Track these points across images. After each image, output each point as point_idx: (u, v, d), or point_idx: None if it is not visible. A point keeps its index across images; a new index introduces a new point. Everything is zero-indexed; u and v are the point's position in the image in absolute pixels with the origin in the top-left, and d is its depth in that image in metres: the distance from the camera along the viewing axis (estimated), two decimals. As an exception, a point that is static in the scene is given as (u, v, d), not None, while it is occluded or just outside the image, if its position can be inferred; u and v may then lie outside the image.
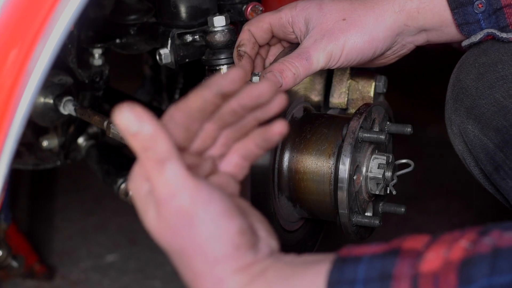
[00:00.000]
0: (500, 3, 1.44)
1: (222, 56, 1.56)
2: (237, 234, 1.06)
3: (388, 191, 1.55)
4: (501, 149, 1.45)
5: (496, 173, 1.46)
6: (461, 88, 1.50)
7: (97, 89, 1.81)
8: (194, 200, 1.05)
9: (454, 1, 1.45)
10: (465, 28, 1.47)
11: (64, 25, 1.18)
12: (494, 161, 1.46)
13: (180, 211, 1.05)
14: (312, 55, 1.45)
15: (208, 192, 1.06)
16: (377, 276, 1.00)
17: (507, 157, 1.44)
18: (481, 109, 1.47)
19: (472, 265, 0.97)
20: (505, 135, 1.44)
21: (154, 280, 2.37)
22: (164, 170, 1.04)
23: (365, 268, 1.02)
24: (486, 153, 1.47)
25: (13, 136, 1.18)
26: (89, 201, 2.69)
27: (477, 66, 1.48)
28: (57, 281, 2.39)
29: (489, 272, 0.96)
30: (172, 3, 1.61)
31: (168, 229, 1.07)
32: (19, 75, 1.17)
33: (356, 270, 1.02)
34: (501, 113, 1.45)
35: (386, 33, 1.47)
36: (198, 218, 1.05)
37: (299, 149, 1.53)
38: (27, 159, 1.87)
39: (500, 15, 1.45)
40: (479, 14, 1.45)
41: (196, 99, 1.08)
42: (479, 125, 1.47)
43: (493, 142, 1.46)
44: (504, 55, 1.46)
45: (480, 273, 0.96)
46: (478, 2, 1.44)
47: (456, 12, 1.46)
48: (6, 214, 2.07)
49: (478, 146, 1.48)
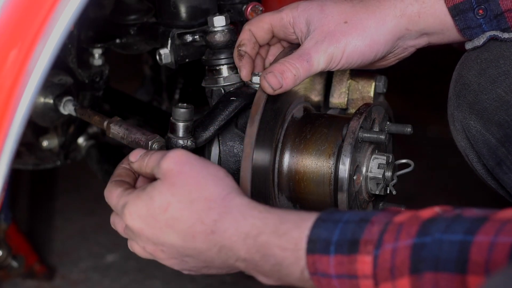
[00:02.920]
0: (501, 9, 1.44)
1: (222, 56, 1.56)
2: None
3: (388, 191, 1.55)
4: (503, 144, 1.46)
5: (499, 167, 1.47)
6: (463, 84, 1.50)
7: (97, 89, 1.81)
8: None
9: (455, 8, 1.46)
10: (467, 32, 1.47)
11: (64, 25, 1.18)
12: (497, 156, 1.47)
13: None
14: (313, 56, 1.45)
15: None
16: (358, 219, 1.21)
17: (509, 152, 1.45)
18: (484, 104, 1.47)
19: (433, 223, 1.15)
20: (507, 129, 1.45)
21: (154, 280, 2.38)
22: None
23: (350, 213, 1.23)
24: (488, 148, 1.48)
25: (13, 136, 1.18)
26: (89, 201, 2.69)
27: (479, 62, 1.49)
28: (57, 281, 2.39)
29: (444, 230, 1.13)
30: (172, 3, 1.61)
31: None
32: (19, 75, 1.17)
33: (344, 214, 1.23)
34: (503, 108, 1.45)
35: (387, 37, 1.47)
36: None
37: (299, 149, 1.53)
38: (27, 159, 1.87)
39: (501, 19, 1.46)
40: (481, 19, 1.45)
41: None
42: (482, 120, 1.48)
43: (495, 137, 1.46)
44: (506, 51, 1.47)
45: (436, 229, 1.14)
46: (478, 8, 1.45)
47: (457, 18, 1.46)
48: (6, 214, 2.07)
49: (481, 141, 1.48)
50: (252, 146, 1.41)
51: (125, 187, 1.36)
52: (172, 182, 1.29)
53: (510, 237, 1.08)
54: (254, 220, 1.25)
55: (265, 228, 1.24)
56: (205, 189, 1.28)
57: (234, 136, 1.52)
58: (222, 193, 1.28)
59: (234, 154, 1.52)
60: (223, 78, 1.55)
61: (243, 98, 1.51)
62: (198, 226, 1.27)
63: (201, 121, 1.49)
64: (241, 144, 1.50)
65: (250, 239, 1.24)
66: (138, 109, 1.94)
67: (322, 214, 1.24)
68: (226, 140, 1.52)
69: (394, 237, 1.16)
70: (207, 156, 1.53)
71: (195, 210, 1.27)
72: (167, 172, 1.30)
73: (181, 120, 1.44)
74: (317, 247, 1.21)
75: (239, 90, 1.53)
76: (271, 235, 1.24)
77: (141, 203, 1.30)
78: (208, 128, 1.49)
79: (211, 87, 1.56)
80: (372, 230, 1.19)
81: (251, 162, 1.41)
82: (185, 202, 1.28)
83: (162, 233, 1.29)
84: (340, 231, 1.20)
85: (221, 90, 1.55)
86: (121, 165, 1.42)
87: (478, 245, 1.09)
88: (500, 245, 1.08)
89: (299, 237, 1.22)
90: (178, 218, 1.28)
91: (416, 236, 1.15)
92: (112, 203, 1.36)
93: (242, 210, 1.26)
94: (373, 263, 1.17)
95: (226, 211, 1.26)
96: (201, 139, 1.48)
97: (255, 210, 1.26)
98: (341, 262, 1.19)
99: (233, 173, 1.51)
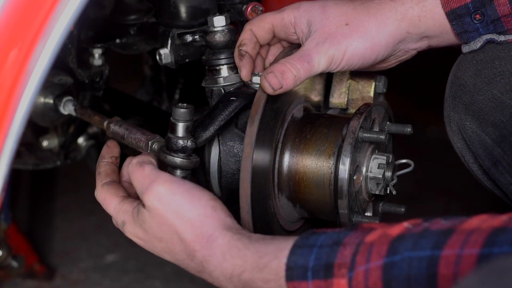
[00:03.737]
0: (497, 14, 1.45)
1: (222, 56, 1.56)
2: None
3: (388, 191, 1.55)
4: (499, 144, 1.46)
5: (495, 168, 1.48)
6: (459, 85, 1.51)
7: (97, 89, 1.81)
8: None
9: (452, 12, 1.46)
10: (464, 36, 1.48)
11: (64, 25, 1.18)
12: (493, 156, 1.47)
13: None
14: (314, 58, 1.45)
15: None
16: (331, 242, 1.24)
17: (505, 152, 1.46)
18: (479, 105, 1.48)
19: (402, 240, 1.18)
20: (502, 130, 1.46)
21: (154, 280, 2.38)
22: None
23: (325, 236, 1.26)
24: (484, 149, 1.48)
25: (13, 136, 1.18)
26: (89, 201, 2.68)
27: (475, 63, 1.49)
28: (57, 281, 2.39)
29: (412, 247, 1.16)
30: (172, 3, 1.61)
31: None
32: (19, 75, 1.17)
33: (318, 238, 1.26)
34: (498, 108, 1.46)
35: (388, 40, 1.48)
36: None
37: (299, 149, 1.53)
38: (27, 159, 1.87)
39: (498, 24, 1.46)
40: (478, 24, 1.46)
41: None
42: (477, 121, 1.48)
43: (491, 138, 1.47)
44: (502, 52, 1.47)
45: (404, 248, 1.16)
46: (475, 13, 1.45)
47: (455, 23, 1.46)
48: (6, 214, 2.07)
49: (477, 142, 1.49)
50: (252, 146, 1.41)
51: (121, 197, 1.42)
52: (159, 221, 1.34)
53: (475, 248, 1.10)
54: (235, 260, 1.30)
55: (246, 266, 1.29)
56: (191, 231, 1.32)
57: (234, 136, 1.52)
58: (206, 235, 1.32)
59: (234, 154, 1.52)
60: (223, 78, 1.55)
61: (243, 98, 1.51)
62: (190, 262, 1.34)
63: (201, 121, 1.49)
64: (241, 144, 1.50)
65: (235, 277, 1.30)
66: (138, 109, 1.94)
67: (298, 240, 1.27)
68: (226, 140, 1.52)
69: (366, 258, 1.20)
70: (207, 156, 1.53)
71: (184, 248, 1.33)
72: (153, 210, 1.35)
73: (181, 120, 1.44)
74: (295, 274, 1.25)
75: (239, 90, 1.53)
76: (253, 271, 1.28)
77: (138, 229, 1.37)
78: (208, 128, 1.49)
79: (211, 87, 1.56)
80: (344, 253, 1.22)
81: (251, 162, 1.41)
82: (176, 239, 1.33)
83: (161, 254, 1.38)
84: (315, 256, 1.24)
85: (221, 90, 1.55)
86: (103, 161, 1.48)
87: (445, 259, 1.12)
88: (466, 257, 1.10)
89: (278, 266, 1.26)
90: (173, 250, 1.35)
91: (386, 255, 1.18)
92: (111, 213, 1.43)
93: (223, 251, 1.31)
94: (348, 286, 1.20)
95: (210, 254, 1.31)
96: (201, 139, 1.48)
97: (235, 249, 1.30)
98: (319, 286, 1.23)
99: (233, 173, 1.51)
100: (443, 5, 1.46)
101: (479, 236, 1.11)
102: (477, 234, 1.11)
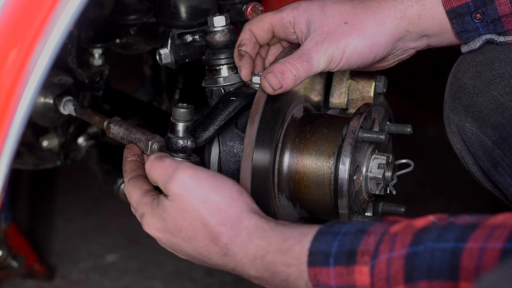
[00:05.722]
0: (498, 14, 1.45)
1: (222, 56, 1.56)
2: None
3: (388, 191, 1.55)
4: (499, 145, 1.46)
5: (495, 169, 1.48)
6: (458, 86, 1.51)
7: (97, 89, 1.81)
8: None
9: (452, 11, 1.46)
10: (463, 35, 1.48)
11: (64, 25, 1.18)
12: (492, 158, 1.48)
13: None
14: (313, 57, 1.45)
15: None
16: (356, 230, 1.24)
17: (505, 154, 1.46)
18: (479, 106, 1.48)
19: (426, 232, 1.18)
20: (502, 131, 1.46)
21: (154, 280, 2.38)
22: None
23: (350, 225, 1.26)
24: (484, 150, 1.49)
25: (13, 136, 1.18)
26: (89, 201, 2.69)
27: (475, 65, 1.49)
28: (57, 281, 2.39)
29: (436, 238, 1.16)
30: (172, 3, 1.61)
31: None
32: (19, 75, 1.17)
33: (343, 226, 1.26)
34: (498, 110, 1.46)
35: (387, 38, 1.48)
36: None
37: (299, 149, 1.53)
38: (27, 159, 1.87)
39: (498, 24, 1.46)
40: (478, 23, 1.46)
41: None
42: (477, 122, 1.48)
43: (490, 139, 1.47)
44: (501, 54, 1.47)
45: (428, 239, 1.17)
46: (476, 12, 1.45)
47: (455, 22, 1.46)
48: (6, 214, 2.07)
49: (476, 144, 1.49)
50: (252, 146, 1.41)
51: (144, 190, 1.39)
52: (183, 208, 1.32)
53: (499, 242, 1.10)
54: (259, 241, 1.29)
55: (270, 248, 1.28)
56: (216, 215, 1.31)
57: (234, 136, 1.52)
58: (232, 217, 1.31)
59: (234, 154, 1.52)
60: (223, 78, 1.55)
61: (243, 98, 1.51)
62: (213, 247, 1.31)
63: (201, 121, 1.49)
64: (241, 144, 1.50)
65: (258, 259, 1.29)
66: (138, 109, 1.94)
67: (322, 227, 1.27)
68: (226, 140, 1.52)
69: (389, 247, 1.20)
70: (207, 156, 1.53)
71: (207, 233, 1.31)
72: (177, 197, 1.32)
73: (181, 120, 1.44)
74: (317, 260, 1.24)
75: (239, 90, 1.53)
76: (275, 253, 1.28)
77: (156, 220, 1.35)
78: (208, 128, 1.49)
79: (211, 87, 1.56)
80: (368, 241, 1.22)
81: (251, 162, 1.41)
82: (198, 225, 1.31)
83: (179, 245, 1.35)
84: (338, 243, 1.24)
85: (221, 90, 1.55)
86: (127, 159, 1.47)
87: (468, 252, 1.12)
88: (489, 251, 1.11)
89: (301, 251, 1.26)
90: (193, 238, 1.32)
91: (409, 245, 1.18)
92: (132, 205, 1.41)
93: (249, 232, 1.30)
94: (370, 274, 1.20)
95: (235, 235, 1.30)
96: (201, 139, 1.48)
97: (260, 230, 1.29)
98: (340, 273, 1.22)
99: (233, 173, 1.51)
100: (444, 4, 1.46)
101: (504, 231, 1.11)
102: (502, 229, 1.12)
